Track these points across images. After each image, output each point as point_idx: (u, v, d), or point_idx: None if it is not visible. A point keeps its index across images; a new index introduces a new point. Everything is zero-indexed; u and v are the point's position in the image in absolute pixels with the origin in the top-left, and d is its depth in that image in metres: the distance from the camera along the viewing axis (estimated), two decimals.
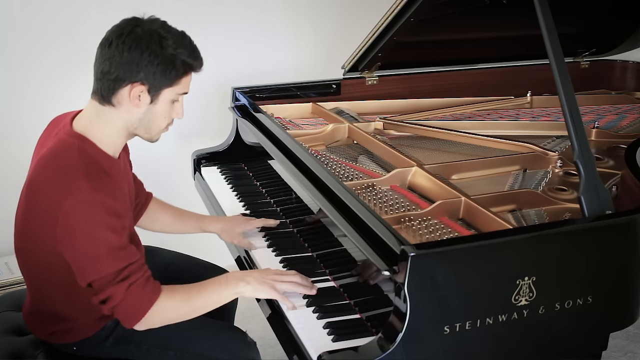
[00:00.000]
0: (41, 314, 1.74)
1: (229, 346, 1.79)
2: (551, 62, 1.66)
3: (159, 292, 1.55)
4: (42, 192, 1.53)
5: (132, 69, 1.49)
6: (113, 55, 1.49)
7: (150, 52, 1.49)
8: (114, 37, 1.50)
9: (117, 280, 1.49)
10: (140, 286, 1.52)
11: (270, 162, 2.21)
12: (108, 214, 1.48)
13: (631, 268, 1.61)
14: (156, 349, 1.75)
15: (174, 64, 1.51)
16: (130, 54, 1.48)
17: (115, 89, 1.52)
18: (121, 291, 1.50)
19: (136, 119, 1.57)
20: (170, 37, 1.51)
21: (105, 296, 1.51)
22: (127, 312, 1.53)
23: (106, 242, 1.48)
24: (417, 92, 2.68)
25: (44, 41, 2.72)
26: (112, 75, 1.50)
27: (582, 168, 1.60)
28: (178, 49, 1.51)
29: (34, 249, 1.63)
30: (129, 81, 1.50)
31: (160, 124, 1.61)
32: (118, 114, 1.56)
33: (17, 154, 2.69)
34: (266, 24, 3.12)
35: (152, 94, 1.54)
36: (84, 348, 1.74)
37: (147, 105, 1.55)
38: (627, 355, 2.69)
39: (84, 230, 1.47)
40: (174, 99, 1.58)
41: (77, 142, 1.54)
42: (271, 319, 1.70)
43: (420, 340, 1.40)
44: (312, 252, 1.85)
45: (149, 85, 1.52)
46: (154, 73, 1.50)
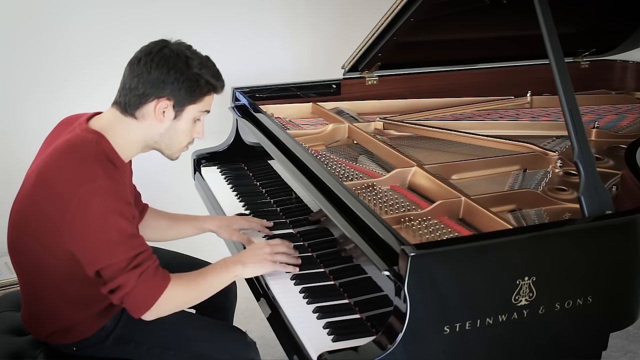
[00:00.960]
0: (38, 315, 1.73)
1: (229, 346, 1.79)
2: (551, 62, 1.66)
3: (168, 280, 1.57)
4: (55, 178, 1.55)
5: (158, 85, 1.57)
6: (141, 72, 1.57)
7: (177, 69, 1.57)
8: (143, 56, 1.59)
9: (129, 268, 1.51)
10: (150, 274, 1.54)
11: (270, 162, 2.21)
12: (122, 202, 1.53)
13: (631, 268, 1.61)
14: (156, 348, 1.75)
15: (198, 83, 1.60)
16: (158, 71, 1.57)
17: (141, 104, 1.60)
18: (133, 279, 1.51)
19: (157, 133, 1.64)
20: (195, 58, 1.61)
21: (115, 285, 1.52)
22: (138, 300, 1.54)
23: (119, 229, 1.50)
24: (417, 92, 2.68)
25: (46, 41, 2.72)
26: (139, 91, 1.58)
27: (582, 168, 1.60)
28: (202, 69, 1.61)
29: (32, 238, 1.62)
30: (155, 97, 1.58)
31: (181, 141, 1.68)
32: (139, 126, 1.62)
33: (18, 154, 2.69)
34: (265, 24, 3.12)
35: (177, 110, 1.61)
36: (84, 348, 1.74)
37: (171, 120, 1.62)
38: (627, 355, 2.69)
39: (98, 217, 1.49)
40: (197, 117, 1.66)
41: (95, 137, 1.59)
42: (271, 319, 1.70)
43: (420, 340, 1.40)
44: (312, 252, 1.85)
45: (174, 101, 1.60)
46: (179, 90, 1.58)
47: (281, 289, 1.71)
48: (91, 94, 2.56)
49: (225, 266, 1.68)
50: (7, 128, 2.74)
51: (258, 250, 1.72)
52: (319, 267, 1.79)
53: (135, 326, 1.75)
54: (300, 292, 1.68)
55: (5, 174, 2.71)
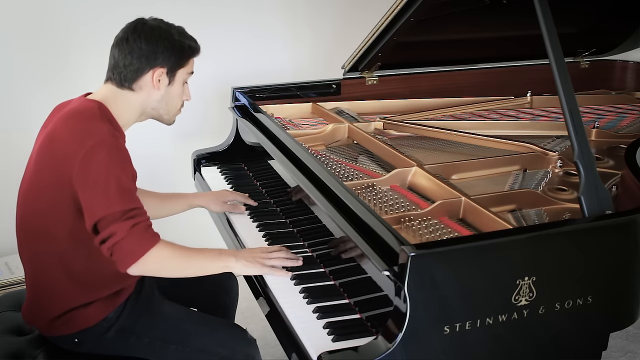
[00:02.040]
0: (42, 299, 1.75)
1: (230, 342, 1.81)
2: (551, 62, 1.66)
3: (158, 238, 1.63)
4: (63, 139, 1.65)
5: (151, 57, 1.71)
6: (132, 49, 1.71)
7: (164, 39, 1.73)
8: (129, 34, 1.73)
9: (123, 218, 1.58)
10: (142, 228, 1.60)
11: (270, 162, 2.21)
12: (124, 158, 1.64)
13: (631, 268, 1.61)
14: (157, 342, 1.77)
15: (182, 48, 1.75)
16: (149, 45, 1.71)
17: (138, 77, 1.73)
18: (125, 229, 1.57)
19: (155, 101, 1.77)
20: (173, 28, 1.77)
21: (108, 233, 1.57)
22: (127, 250, 1.58)
23: (118, 180, 1.59)
24: (417, 92, 2.68)
25: (49, 41, 2.72)
26: (135, 65, 1.71)
27: (582, 168, 1.60)
28: (181, 35, 1.77)
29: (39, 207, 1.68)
30: (150, 67, 1.72)
31: (176, 104, 1.82)
32: (137, 96, 1.75)
33: (18, 154, 2.69)
34: (265, 25, 3.12)
35: (170, 76, 1.75)
36: (85, 340, 1.75)
37: (166, 87, 1.76)
38: (627, 355, 2.69)
39: (101, 168, 1.59)
40: (185, 79, 1.80)
41: (97, 104, 1.71)
42: (270, 317, 1.70)
43: (420, 340, 1.40)
44: (312, 252, 1.85)
45: (167, 68, 1.74)
46: (170, 57, 1.73)
47: (281, 288, 1.71)
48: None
49: (219, 254, 1.73)
50: (5, 129, 2.73)
51: (254, 252, 1.76)
52: (319, 267, 1.79)
53: (137, 319, 1.78)
54: (300, 292, 1.68)
55: (6, 173, 2.71)
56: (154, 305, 1.85)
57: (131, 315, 1.78)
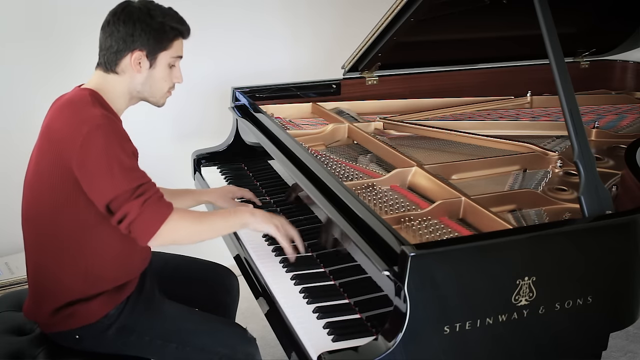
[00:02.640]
0: (45, 290, 1.75)
1: (230, 341, 1.81)
2: (551, 62, 1.66)
3: (171, 208, 1.66)
4: (59, 128, 1.67)
5: (128, 39, 1.71)
6: (112, 32, 1.72)
7: (142, 22, 1.71)
8: (111, 17, 1.74)
9: (133, 197, 1.61)
10: (154, 201, 1.63)
11: (270, 162, 2.21)
12: (121, 139, 1.65)
13: (631, 268, 1.61)
14: (158, 340, 1.77)
15: (163, 29, 1.73)
16: (126, 27, 1.71)
17: (118, 60, 1.73)
18: (137, 206, 1.61)
19: (138, 84, 1.76)
20: (157, 8, 1.75)
21: (122, 214, 1.61)
22: (143, 226, 1.62)
23: (120, 161, 1.61)
24: (417, 92, 2.68)
25: (47, 40, 2.72)
26: (114, 48, 1.72)
27: (582, 168, 1.60)
28: (165, 17, 1.74)
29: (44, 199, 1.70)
30: (129, 50, 1.72)
31: (162, 87, 1.80)
32: (122, 80, 1.75)
33: (17, 154, 2.69)
34: (265, 25, 3.12)
35: (150, 59, 1.74)
36: (86, 337, 1.75)
37: (147, 70, 1.75)
38: (627, 355, 2.69)
39: (99, 152, 1.60)
40: (170, 62, 1.78)
41: (89, 92, 1.73)
42: (270, 316, 1.70)
43: (420, 340, 1.40)
44: (312, 252, 1.85)
45: (146, 51, 1.73)
46: (148, 39, 1.72)
47: (281, 288, 1.71)
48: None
49: (235, 212, 1.78)
50: (8, 126, 2.73)
51: (272, 216, 1.80)
52: (319, 267, 1.79)
53: (138, 317, 1.79)
54: (300, 292, 1.68)
55: (5, 174, 2.71)
56: (155, 304, 1.85)
57: (132, 313, 1.79)
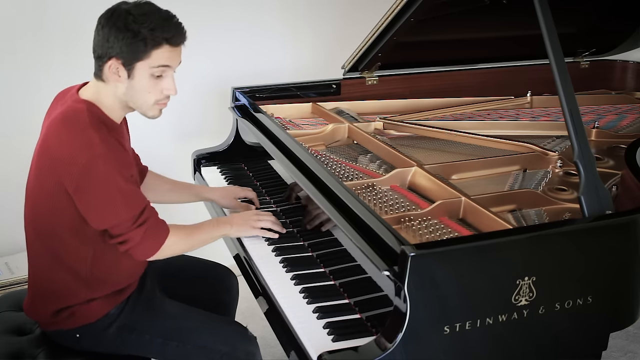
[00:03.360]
0: (45, 293, 1.75)
1: (230, 339, 1.81)
2: (551, 62, 1.66)
3: (168, 231, 1.72)
4: (55, 149, 1.63)
5: (105, 46, 1.61)
6: (95, 35, 1.65)
7: (116, 28, 1.58)
8: (102, 20, 1.64)
9: (135, 225, 1.64)
10: (153, 228, 1.68)
11: (270, 162, 2.21)
12: (121, 165, 1.63)
13: (631, 268, 1.61)
14: (158, 339, 1.77)
15: (138, 37, 1.58)
16: (103, 31, 1.61)
17: (100, 66, 1.65)
18: (139, 235, 1.65)
19: (122, 93, 1.67)
20: (137, 14, 1.59)
21: (123, 239, 1.65)
22: (144, 250, 1.69)
23: (121, 191, 1.61)
24: (417, 92, 2.68)
25: (47, 41, 2.72)
26: (96, 53, 1.65)
27: (582, 168, 1.60)
28: (143, 23, 1.58)
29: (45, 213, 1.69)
30: (107, 57, 1.62)
31: (145, 99, 1.67)
32: (109, 88, 1.67)
33: (17, 155, 2.69)
34: (265, 25, 3.12)
35: (127, 68, 1.62)
36: (87, 335, 1.75)
37: (127, 80, 1.64)
38: (627, 355, 2.69)
39: (100, 183, 1.59)
40: (154, 73, 1.64)
41: (85, 106, 1.66)
42: (269, 316, 1.70)
43: (420, 340, 1.40)
44: (312, 252, 1.85)
45: (122, 60, 1.61)
46: (121, 47, 1.59)
47: (281, 288, 1.71)
48: None
49: (217, 224, 1.87)
50: (8, 128, 2.73)
51: (246, 216, 1.90)
52: (319, 267, 1.79)
53: (138, 316, 1.79)
54: (300, 292, 1.68)
55: (5, 175, 2.71)
56: (155, 302, 1.85)
57: (132, 312, 1.79)
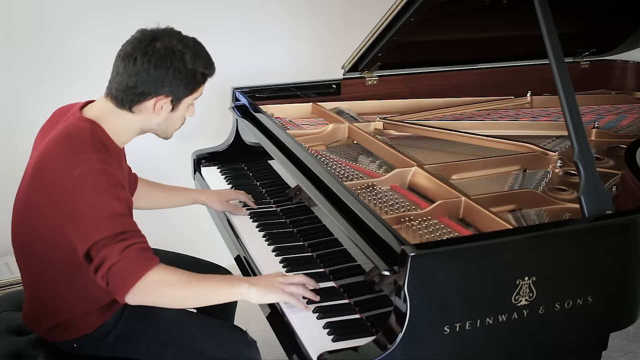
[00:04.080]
0: (41, 308, 1.74)
1: (230, 345, 1.79)
2: (551, 62, 1.66)
3: (155, 262, 1.52)
4: (51, 168, 1.58)
5: (157, 84, 1.60)
6: (139, 72, 1.58)
7: (175, 69, 1.60)
8: (139, 55, 1.58)
9: (114, 242, 1.49)
10: (135, 251, 1.50)
11: (270, 162, 2.21)
12: (113, 183, 1.55)
13: (631, 268, 1.61)
14: (156, 346, 1.76)
15: (194, 77, 1.64)
16: (157, 71, 1.58)
17: (140, 102, 1.62)
18: (116, 252, 1.48)
19: (154, 124, 1.68)
20: (188, 52, 1.62)
21: (100, 259, 1.49)
22: (120, 275, 1.48)
23: (109, 207, 1.52)
24: (417, 92, 2.68)
25: (49, 40, 2.72)
26: (139, 90, 1.60)
27: (582, 168, 1.60)
28: (196, 62, 1.63)
29: (35, 231, 1.64)
30: (155, 95, 1.61)
31: (176, 126, 1.75)
32: (136, 118, 1.66)
33: (16, 154, 2.69)
34: (265, 25, 3.12)
35: (174, 104, 1.66)
36: (84, 345, 1.74)
37: (168, 112, 1.67)
38: (627, 355, 2.69)
39: (89, 195, 1.52)
40: (190, 103, 1.71)
41: (89, 126, 1.62)
42: (270, 318, 1.70)
43: (420, 340, 1.40)
44: (312, 252, 1.85)
45: (172, 97, 1.64)
46: (178, 87, 1.62)
47: None
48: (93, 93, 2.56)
49: (230, 280, 1.61)
50: (8, 125, 2.73)
51: (271, 278, 1.62)
52: (319, 267, 1.79)
53: (136, 323, 1.77)
54: None
55: (6, 172, 2.71)
56: (153, 309, 1.82)
57: (130, 319, 1.77)
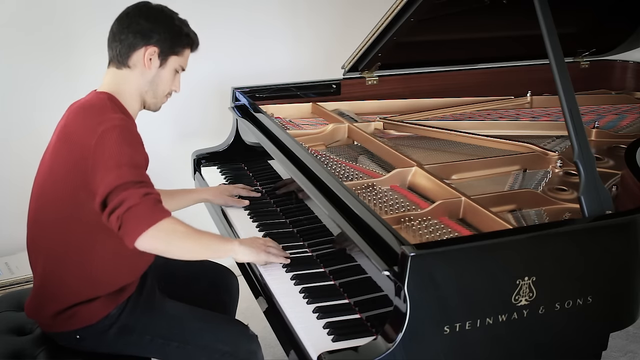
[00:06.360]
0: (47, 293, 1.76)
1: (232, 338, 1.81)
2: (551, 62, 1.66)
3: (169, 213, 1.62)
4: (77, 131, 1.68)
5: (146, 34, 1.73)
6: (130, 24, 1.74)
7: (163, 23, 1.76)
8: (131, 9, 1.76)
9: (136, 187, 1.58)
10: (154, 199, 1.60)
11: (270, 162, 2.21)
12: (135, 139, 1.67)
13: (631, 268, 1.61)
14: (159, 339, 1.78)
15: (180, 35, 1.78)
16: (147, 22, 1.74)
17: (131, 52, 1.74)
18: (138, 195, 1.57)
19: (147, 82, 1.78)
20: (177, 16, 1.81)
21: (119, 201, 1.56)
22: (138, 218, 1.56)
23: (132, 157, 1.62)
24: (417, 92, 2.68)
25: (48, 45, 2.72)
26: (129, 40, 1.74)
27: (582, 168, 1.60)
28: (183, 25, 1.80)
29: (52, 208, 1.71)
30: (144, 44, 1.74)
31: (164, 89, 1.82)
32: (133, 75, 1.76)
33: (16, 157, 2.69)
34: (265, 25, 3.12)
35: (162, 58, 1.77)
36: (87, 337, 1.76)
37: (157, 68, 1.77)
38: (627, 355, 2.69)
39: (114, 145, 1.61)
40: (177, 68, 1.81)
41: (107, 97, 1.74)
42: (269, 316, 1.70)
43: (420, 340, 1.40)
44: (312, 253, 1.85)
45: (159, 50, 1.75)
46: (165, 39, 1.75)
47: (281, 288, 1.71)
48: None
49: (225, 240, 1.82)
50: (5, 134, 2.72)
51: (255, 240, 1.82)
52: (319, 267, 1.79)
53: (139, 317, 1.79)
54: (300, 292, 1.68)
55: (4, 177, 2.71)
56: (156, 303, 1.85)
57: (133, 313, 1.79)
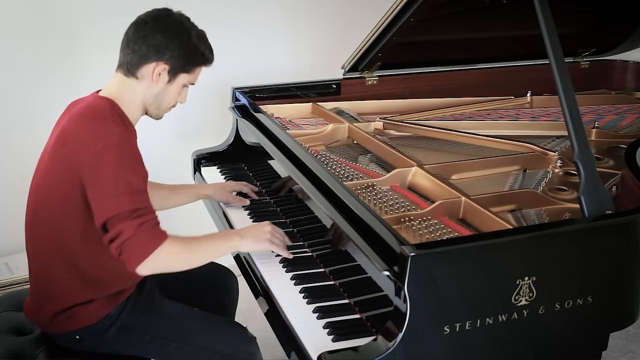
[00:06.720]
0: (46, 294, 1.76)
1: (230, 340, 1.81)
2: (551, 62, 1.66)
3: (166, 236, 1.62)
4: (75, 138, 1.66)
5: (160, 50, 1.70)
6: (146, 35, 1.70)
7: (179, 40, 1.72)
8: (150, 20, 1.72)
9: (131, 217, 1.58)
10: (150, 226, 1.60)
11: (270, 162, 2.21)
12: (135, 159, 1.65)
13: (631, 268, 1.61)
14: (158, 340, 1.78)
15: (195, 54, 1.75)
16: (163, 37, 1.70)
17: (141, 64, 1.72)
18: (133, 227, 1.57)
19: (152, 95, 1.76)
20: (195, 32, 1.76)
21: (116, 232, 1.58)
22: (135, 248, 1.58)
23: (129, 183, 1.60)
24: (417, 92, 2.68)
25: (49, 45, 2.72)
26: (142, 51, 1.71)
27: (582, 168, 1.60)
28: (200, 42, 1.76)
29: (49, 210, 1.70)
30: (156, 59, 1.71)
31: (169, 103, 1.80)
32: (139, 86, 1.74)
33: (16, 157, 2.69)
34: (265, 25, 3.12)
35: (171, 75, 1.74)
36: (86, 338, 1.76)
37: (165, 84, 1.75)
38: (627, 355, 2.69)
39: (111, 169, 1.60)
40: (185, 84, 1.79)
41: (107, 103, 1.72)
42: (269, 316, 1.70)
43: (420, 340, 1.40)
44: (312, 253, 1.85)
45: (170, 67, 1.73)
46: (178, 57, 1.72)
47: (281, 288, 1.71)
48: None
49: (225, 236, 1.78)
50: (4, 134, 2.72)
51: (259, 227, 1.79)
52: (319, 267, 1.79)
53: (138, 317, 1.79)
54: (300, 292, 1.68)
55: (4, 177, 2.71)
56: (155, 303, 1.86)
57: (132, 313, 1.79)
